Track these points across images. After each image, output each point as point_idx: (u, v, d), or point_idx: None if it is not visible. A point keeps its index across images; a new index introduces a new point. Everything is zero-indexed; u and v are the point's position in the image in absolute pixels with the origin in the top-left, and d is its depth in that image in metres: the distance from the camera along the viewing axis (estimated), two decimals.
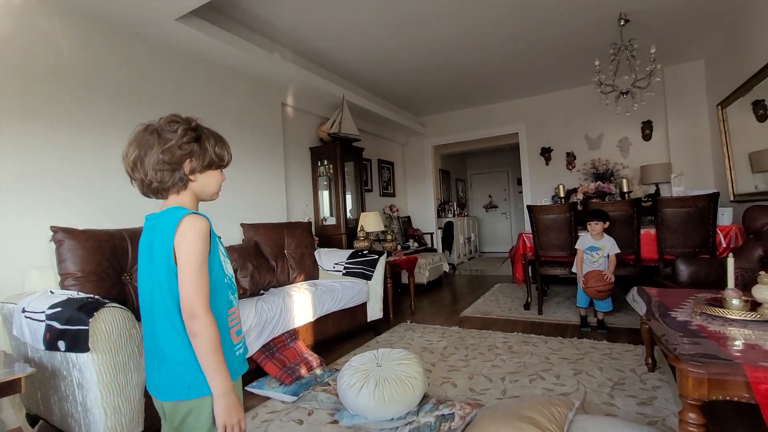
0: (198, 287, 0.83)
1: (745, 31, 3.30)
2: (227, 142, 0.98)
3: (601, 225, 2.90)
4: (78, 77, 2.31)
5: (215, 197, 1.00)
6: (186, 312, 0.82)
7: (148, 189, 0.90)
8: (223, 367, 0.83)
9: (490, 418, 1.57)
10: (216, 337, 0.83)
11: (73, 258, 1.89)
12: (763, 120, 3.09)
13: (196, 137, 0.91)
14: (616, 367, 2.25)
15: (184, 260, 0.83)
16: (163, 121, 0.90)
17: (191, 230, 0.84)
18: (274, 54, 3.38)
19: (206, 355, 0.82)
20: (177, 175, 0.89)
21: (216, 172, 0.96)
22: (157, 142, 0.87)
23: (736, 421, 1.63)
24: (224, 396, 0.82)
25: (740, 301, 1.58)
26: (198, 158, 0.91)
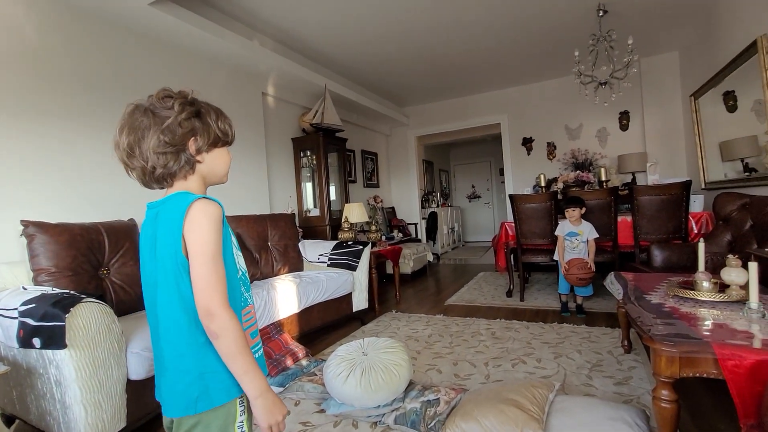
0: (215, 281, 0.72)
1: (718, 23, 3.40)
2: (227, 116, 0.87)
3: (579, 211, 2.98)
4: (45, 64, 2.20)
5: (225, 180, 0.89)
6: (203, 311, 0.72)
7: (150, 177, 0.78)
8: (254, 366, 0.74)
9: (474, 401, 1.61)
10: (241, 334, 0.73)
11: (46, 253, 1.83)
12: (733, 111, 3.21)
13: (195, 112, 0.80)
14: (594, 349, 2.33)
15: (197, 251, 0.73)
16: (154, 97, 0.78)
17: (203, 217, 0.74)
18: (253, 42, 3.29)
19: (233, 357, 0.72)
20: (183, 157, 0.78)
21: (223, 150, 0.86)
22: (153, 122, 0.76)
23: (704, 396, 1.72)
24: (261, 397, 0.74)
25: (710, 283, 1.66)
26: (202, 135, 0.80)
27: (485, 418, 1.47)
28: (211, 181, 0.86)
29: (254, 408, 0.74)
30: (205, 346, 0.75)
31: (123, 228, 2.19)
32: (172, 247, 0.74)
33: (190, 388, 0.74)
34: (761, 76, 2.58)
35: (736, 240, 2.50)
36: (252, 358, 0.75)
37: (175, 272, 0.74)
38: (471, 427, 1.47)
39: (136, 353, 1.59)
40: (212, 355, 0.75)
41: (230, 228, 0.87)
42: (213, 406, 0.75)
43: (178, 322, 0.74)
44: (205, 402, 0.74)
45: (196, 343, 0.74)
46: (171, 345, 0.75)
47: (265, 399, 0.74)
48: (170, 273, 0.74)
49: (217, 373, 0.75)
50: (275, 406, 0.75)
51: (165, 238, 0.75)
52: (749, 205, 2.53)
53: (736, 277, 1.57)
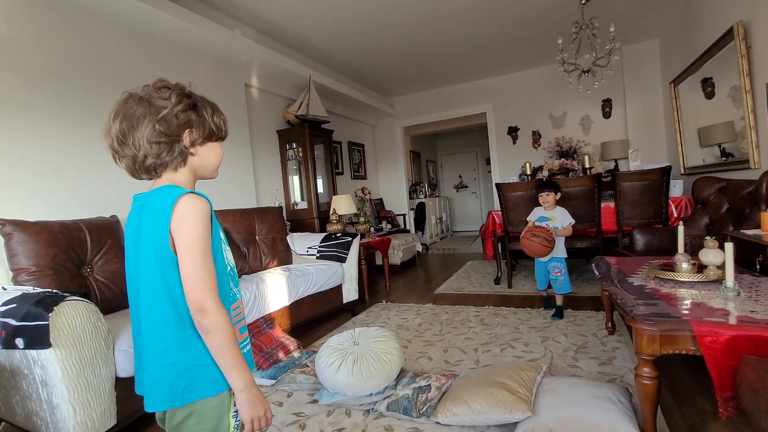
0: (205, 277, 0.73)
1: (696, 11, 3.46)
2: (222, 112, 0.88)
3: (553, 196, 2.77)
4: (16, 55, 2.11)
5: (215, 174, 0.89)
6: (195, 307, 0.72)
7: (141, 167, 0.78)
8: (242, 360, 0.76)
9: (464, 386, 1.64)
10: (231, 330, 0.75)
11: (26, 252, 1.78)
12: (711, 97, 3.29)
13: (192, 104, 0.80)
14: (580, 332, 2.39)
15: (186, 248, 0.73)
16: (151, 87, 0.78)
17: (191, 213, 0.74)
18: (235, 32, 3.22)
19: (222, 352, 0.74)
20: (176, 148, 0.78)
21: (216, 145, 0.86)
22: (148, 111, 0.75)
23: (683, 373, 1.79)
24: (246, 391, 0.76)
25: (689, 264, 1.71)
26: (198, 128, 0.80)
27: (475, 401, 1.51)
28: (201, 175, 0.86)
29: (238, 401, 0.76)
30: (192, 339, 0.75)
31: (105, 225, 2.14)
32: (158, 241, 0.73)
33: (177, 381, 0.74)
34: (737, 63, 2.65)
35: (713, 222, 2.58)
36: (239, 352, 0.76)
37: (161, 266, 0.74)
38: (462, 411, 1.51)
39: (124, 350, 1.57)
40: (200, 347, 0.75)
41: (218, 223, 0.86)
42: (199, 398, 0.75)
43: (165, 315, 0.74)
44: (191, 394, 0.75)
45: (183, 336, 0.75)
46: (156, 338, 0.75)
47: (250, 393, 0.76)
48: (155, 266, 0.74)
49: (204, 366, 0.76)
50: (259, 400, 0.77)
51: (150, 231, 0.74)
52: (726, 189, 2.61)
53: (713, 257, 1.63)
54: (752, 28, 2.57)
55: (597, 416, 1.37)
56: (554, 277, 2.69)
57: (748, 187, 2.35)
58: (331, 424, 1.62)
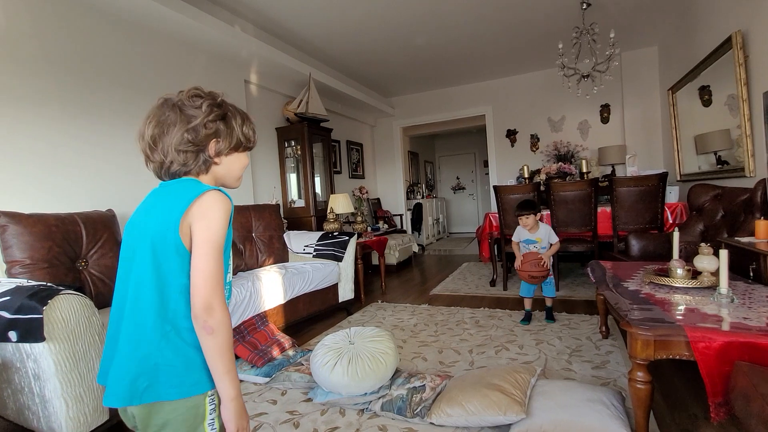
0: (216, 276, 0.71)
1: (695, 19, 3.49)
2: (252, 121, 0.88)
3: (533, 218, 2.64)
4: (13, 46, 2.09)
5: (237, 184, 0.89)
6: (203, 304, 0.70)
7: (166, 172, 0.80)
8: (234, 367, 0.74)
9: (459, 387, 1.64)
10: (231, 334, 0.73)
11: (20, 244, 1.76)
12: (708, 105, 3.32)
13: (222, 115, 0.81)
14: (574, 336, 2.40)
15: (204, 240, 0.71)
16: (185, 95, 0.80)
17: (216, 208, 0.73)
18: (235, 27, 3.21)
19: (220, 356, 0.71)
20: (201, 157, 0.79)
21: (242, 155, 0.86)
22: (180, 119, 0.77)
23: (675, 378, 1.80)
24: (236, 400, 0.73)
25: (684, 270, 1.73)
26: (225, 139, 0.81)
27: (470, 402, 1.51)
28: (224, 183, 0.86)
29: (226, 410, 0.73)
30: (169, 336, 0.72)
31: (101, 219, 2.13)
32: (165, 226, 0.72)
33: (141, 377, 0.71)
34: (735, 72, 2.67)
35: (708, 229, 2.60)
36: (234, 359, 0.74)
37: (159, 252, 0.72)
38: (456, 412, 1.51)
39: None
40: (171, 348, 0.72)
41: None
42: (158, 400, 0.71)
43: (149, 303, 0.71)
44: (152, 394, 0.71)
45: (161, 330, 0.71)
46: (135, 325, 0.72)
47: (238, 403, 0.74)
48: (150, 252, 0.72)
49: (172, 368, 0.72)
50: (245, 411, 0.76)
51: (159, 215, 0.73)
52: (721, 196, 2.63)
53: (708, 264, 1.64)
54: (750, 37, 2.59)
55: (590, 419, 1.38)
56: (547, 280, 2.69)
57: (743, 195, 2.37)
58: (325, 423, 1.62)
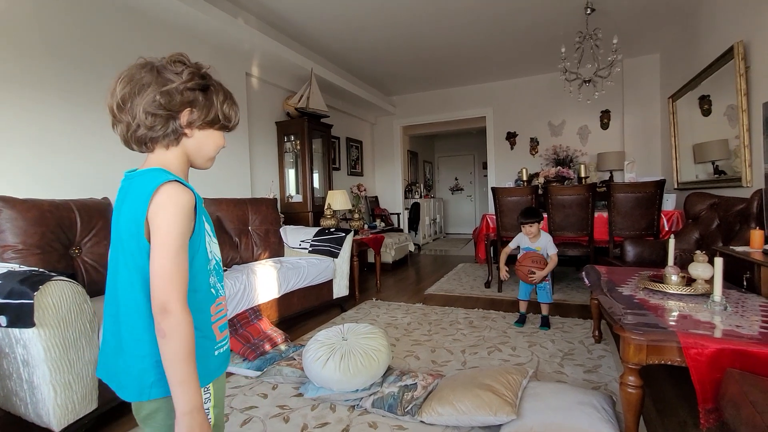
0: (176, 276, 0.67)
1: (698, 29, 3.50)
2: (237, 104, 0.83)
3: (537, 226, 2.61)
4: (15, 30, 2.06)
5: (209, 165, 0.83)
6: (157, 305, 0.67)
7: (132, 137, 0.73)
8: (193, 377, 0.68)
9: (450, 386, 1.64)
10: (190, 339, 0.68)
11: (13, 229, 1.74)
12: (707, 114, 3.33)
13: (203, 86, 0.76)
14: (567, 339, 2.41)
15: (159, 241, 0.67)
16: (167, 59, 0.75)
17: (170, 204, 0.68)
18: (238, 19, 3.19)
19: (174, 362, 0.66)
20: (171, 125, 0.74)
21: (218, 134, 0.81)
22: (155, 80, 0.72)
23: (666, 384, 1.81)
24: (189, 415, 0.66)
25: (678, 277, 1.73)
26: (201, 110, 0.76)
27: (461, 402, 1.51)
28: (194, 161, 0.81)
29: (179, 425, 0.66)
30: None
31: (96, 206, 2.11)
32: (134, 228, 0.69)
33: (146, 374, 0.70)
34: (736, 82, 2.68)
35: (703, 237, 2.62)
36: (193, 367, 0.68)
37: (137, 252, 0.69)
38: (447, 411, 1.51)
39: None
40: None
41: (207, 213, 0.82)
42: (166, 395, 0.69)
43: (138, 305, 0.70)
44: (159, 389, 0.70)
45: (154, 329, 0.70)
46: (130, 327, 0.71)
47: (193, 419, 0.66)
48: (130, 253, 0.70)
49: None
50: (202, 428, 0.68)
51: (128, 217, 0.70)
52: (717, 206, 2.64)
53: (702, 272, 1.65)
54: (752, 47, 2.60)
55: (580, 422, 1.38)
56: (542, 285, 2.66)
57: (739, 204, 2.38)
58: (315, 418, 1.62)
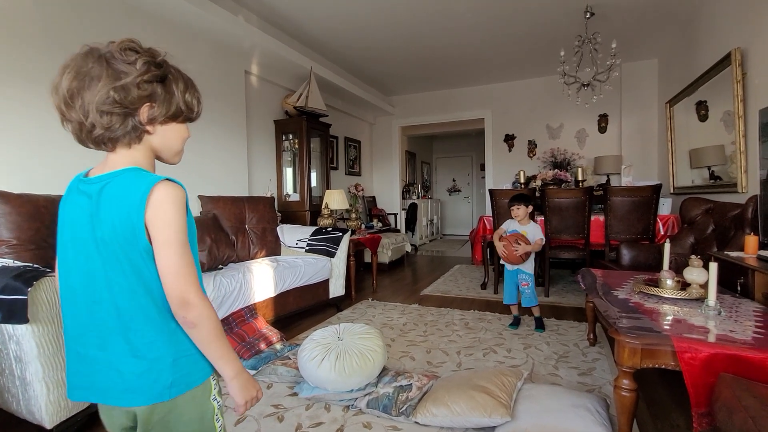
0: (186, 270, 0.68)
1: (696, 35, 3.52)
2: (198, 89, 0.78)
3: (524, 209, 2.67)
4: (15, 22, 2.05)
5: (177, 159, 0.79)
6: (177, 301, 0.68)
7: (87, 136, 0.68)
8: (229, 348, 0.74)
9: (445, 387, 1.64)
10: (217, 320, 0.72)
11: (7, 224, 1.73)
12: (704, 120, 3.35)
13: (160, 76, 0.70)
14: (562, 341, 2.42)
15: (165, 240, 0.67)
16: (116, 46, 0.67)
17: (170, 203, 0.67)
18: (238, 17, 3.18)
19: (209, 343, 0.71)
20: (130, 122, 0.68)
21: (182, 126, 0.76)
22: (106, 73, 0.65)
23: (660, 388, 1.82)
24: (237, 378, 0.74)
25: (673, 281, 1.74)
26: (161, 104, 0.70)
27: (456, 403, 1.51)
28: (161, 157, 0.77)
29: (231, 388, 0.74)
30: (176, 332, 0.72)
31: None
32: (130, 232, 0.66)
33: (163, 375, 0.70)
34: (733, 88, 2.70)
35: (698, 242, 2.63)
36: (226, 341, 0.74)
37: (134, 258, 0.68)
38: (442, 412, 1.51)
39: None
40: (185, 339, 0.72)
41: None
42: (188, 389, 0.73)
43: (146, 310, 0.69)
44: (181, 386, 0.72)
45: (167, 329, 0.71)
46: (137, 333, 0.70)
47: (241, 378, 0.75)
48: (125, 259, 0.67)
49: (191, 356, 0.73)
50: (250, 383, 0.76)
51: (118, 222, 0.66)
52: (712, 211, 2.66)
53: (697, 276, 1.66)
54: (750, 54, 2.62)
55: (574, 424, 1.39)
56: (522, 289, 2.66)
57: (735, 210, 2.40)
58: (309, 418, 1.61)
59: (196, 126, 3.48)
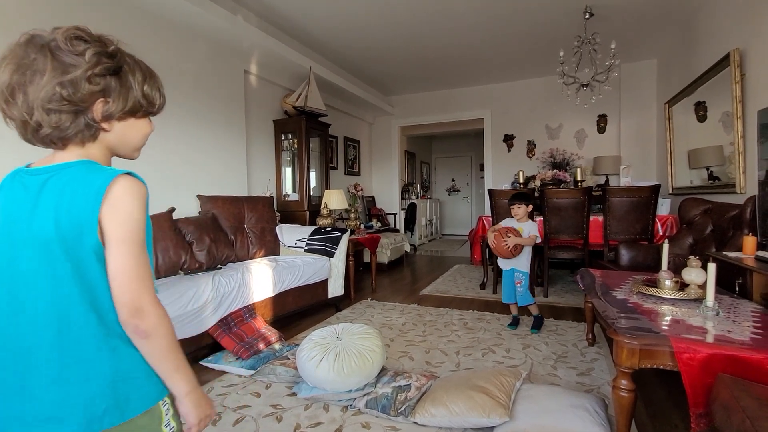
0: (141, 273, 0.61)
1: (695, 35, 3.52)
2: (160, 79, 0.71)
3: (524, 208, 2.67)
4: (9, 18, 2.04)
5: (136, 155, 0.72)
6: (129, 308, 0.60)
7: (33, 135, 0.61)
8: (184, 361, 0.67)
9: (444, 388, 1.64)
10: (172, 330, 0.65)
11: None
12: (703, 121, 3.36)
13: (114, 68, 0.63)
14: (560, 342, 2.42)
15: (122, 239, 0.60)
16: (61, 34, 0.59)
17: (132, 198, 0.61)
18: (237, 16, 3.17)
19: (164, 356, 0.64)
20: (82, 120, 0.61)
21: (142, 122, 0.69)
22: (51, 66, 0.58)
23: (658, 388, 1.82)
24: (191, 394, 0.67)
25: (672, 282, 1.75)
26: (117, 99, 0.63)
27: (454, 403, 1.52)
28: (118, 153, 0.70)
29: (183, 405, 0.67)
30: (119, 349, 0.63)
31: None
32: (77, 229, 0.59)
33: (96, 401, 0.60)
34: (731, 89, 2.71)
35: (697, 243, 2.64)
36: (182, 353, 0.66)
37: (76, 260, 0.59)
38: (440, 412, 1.51)
39: None
40: (128, 357, 0.63)
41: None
42: (123, 420, 0.62)
43: (82, 322, 0.60)
44: (114, 416, 0.61)
45: (107, 346, 0.62)
46: (68, 351, 0.60)
47: (195, 395, 0.68)
48: (67, 261, 0.59)
49: (134, 380, 0.64)
50: (204, 400, 0.70)
51: (67, 217, 0.59)
52: (711, 211, 2.67)
53: (696, 277, 1.66)
54: (748, 55, 2.62)
55: (573, 425, 1.39)
56: (516, 287, 2.66)
57: (733, 210, 2.40)
58: (308, 418, 1.61)
59: (195, 125, 3.47)
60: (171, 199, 2.75)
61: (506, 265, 2.71)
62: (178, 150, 2.91)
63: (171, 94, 3.04)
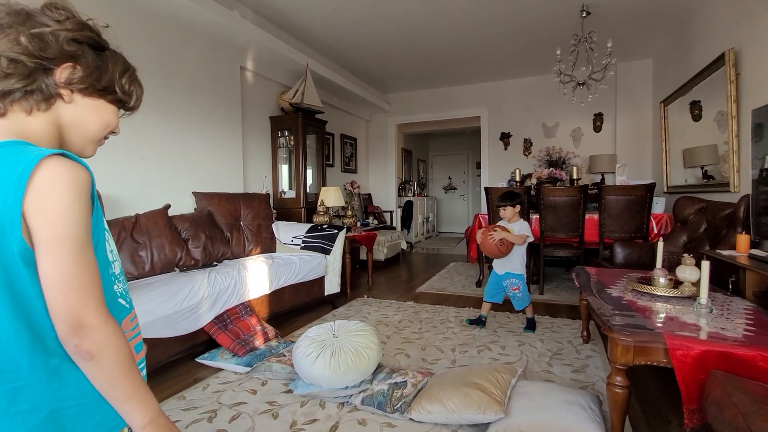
0: (83, 280, 0.50)
1: (691, 35, 3.54)
2: (142, 86, 0.66)
3: (511, 210, 2.55)
4: None
5: (91, 151, 0.62)
6: (67, 323, 0.49)
7: None
8: (142, 386, 0.55)
9: (440, 384, 1.65)
10: (126, 349, 0.54)
11: None
12: (698, 120, 3.38)
13: (94, 42, 0.58)
14: (556, 339, 2.44)
15: (53, 239, 0.49)
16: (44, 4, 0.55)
17: (60, 186, 0.49)
18: (233, 12, 3.15)
19: (115, 382, 0.52)
20: (41, 79, 0.53)
21: (110, 108, 0.61)
22: (22, 22, 0.52)
23: (652, 385, 1.84)
24: (151, 424, 0.54)
25: (666, 279, 1.76)
26: (87, 69, 0.56)
27: (450, 400, 1.52)
28: (70, 139, 0.59)
29: None
30: (60, 370, 0.53)
31: None
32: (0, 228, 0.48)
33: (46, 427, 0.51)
34: (726, 88, 2.72)
35: (691, 241, 2.66)
36: (139, 376, 0.56)
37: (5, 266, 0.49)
38: (436, 409, 1.52)
39: None
40: (69, 385, 0.53)
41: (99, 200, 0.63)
42: None
43: (12, 341, 0.49)
44: None
45: (45, 369, 0.51)
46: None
47: (156, 424, 0.55)
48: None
49: (79, 408, 0.53)
50: (168, 429, 0.56)
51: None
52: (705, 210, 2.69)
53: (690, 274, 1.68)
54: (743, 55, 2.64)
55: (567, 421, 1.40)
56: (512, 294, 2.57)
57: (727, 209, 2.42)
58: (304, 415, 1.61)
59: (191, 122, 3.46)
60: (167, 196, 2.73)
61: (501, 269, 2.61)
62: (174, 147, 2.89)
63: (166, 90, 3.03)
